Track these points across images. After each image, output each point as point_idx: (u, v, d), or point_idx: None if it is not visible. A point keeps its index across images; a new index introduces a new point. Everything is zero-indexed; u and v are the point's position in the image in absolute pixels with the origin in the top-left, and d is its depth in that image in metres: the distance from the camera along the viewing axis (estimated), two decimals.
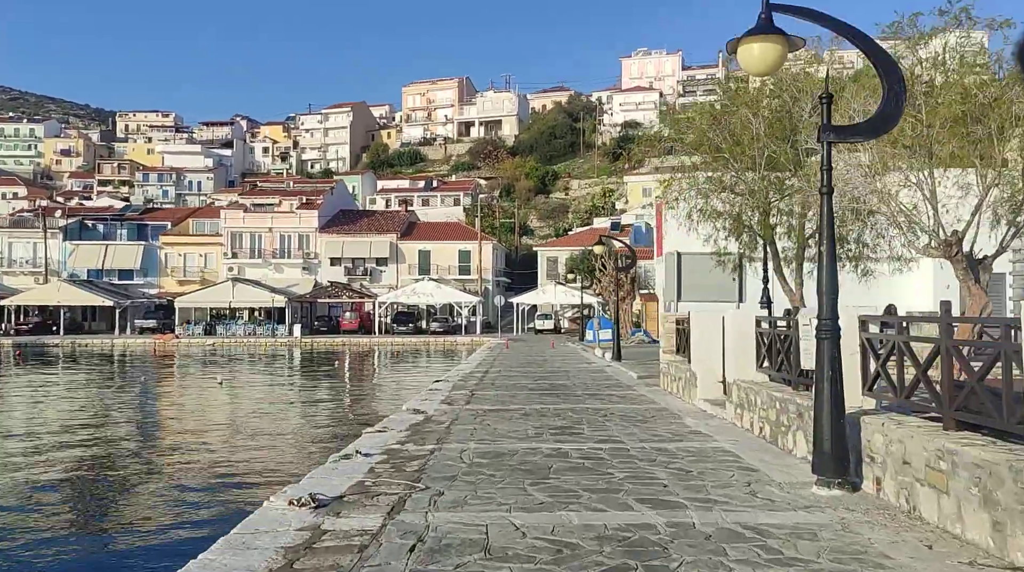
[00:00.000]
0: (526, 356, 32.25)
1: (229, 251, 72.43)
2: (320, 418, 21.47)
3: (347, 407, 23.79)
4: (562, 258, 72.79)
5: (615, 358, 26.75)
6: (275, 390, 28.78)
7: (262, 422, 20.41)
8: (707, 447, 9.58)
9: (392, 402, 22.74)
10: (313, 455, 15.07)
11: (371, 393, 27.51)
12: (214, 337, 61.59)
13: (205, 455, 16.53)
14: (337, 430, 19.28)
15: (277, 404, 24.56)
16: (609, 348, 32.26)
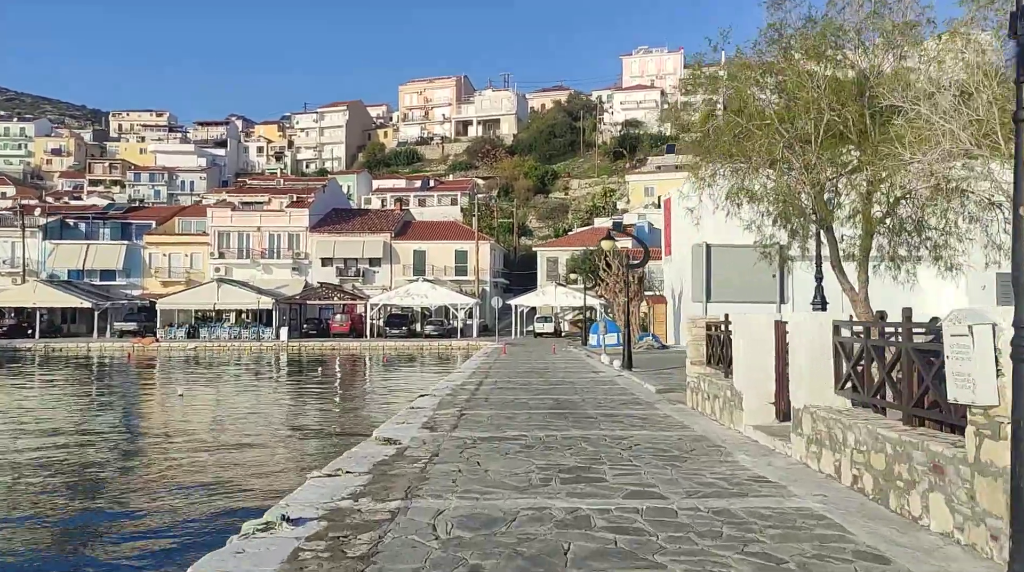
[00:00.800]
0: (526, 363, 29.41)
1: (216, 251, 69.56)
2: (279, 448, 18.52)
3: (314, 428, 20.92)
4: (562, 259, 69.98)
5: (625, 366, 23.89)
6: (242, 404, 25.87)
7: (209, 450, 17.48)
8: (787, 508, 6.71)
9: (370, 420, 19.89)
10: (256, 495, 12.17)
11: (349, 407, 24.56)
12: (197, 341, 58.68)
13: (112, 503, 12.41)
14: (296, 457, 16.41)
15: (239, 422, 21.69)
16: (617, 354, 29.43)
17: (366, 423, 19.11)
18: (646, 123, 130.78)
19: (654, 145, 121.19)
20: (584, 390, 17.87)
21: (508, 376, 22.62)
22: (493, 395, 16.83)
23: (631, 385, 19.19)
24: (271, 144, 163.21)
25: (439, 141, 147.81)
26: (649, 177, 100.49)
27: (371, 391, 28.56)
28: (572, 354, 36.35)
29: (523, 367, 26.86)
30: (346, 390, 28.99)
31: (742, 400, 10.88)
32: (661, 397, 16.10)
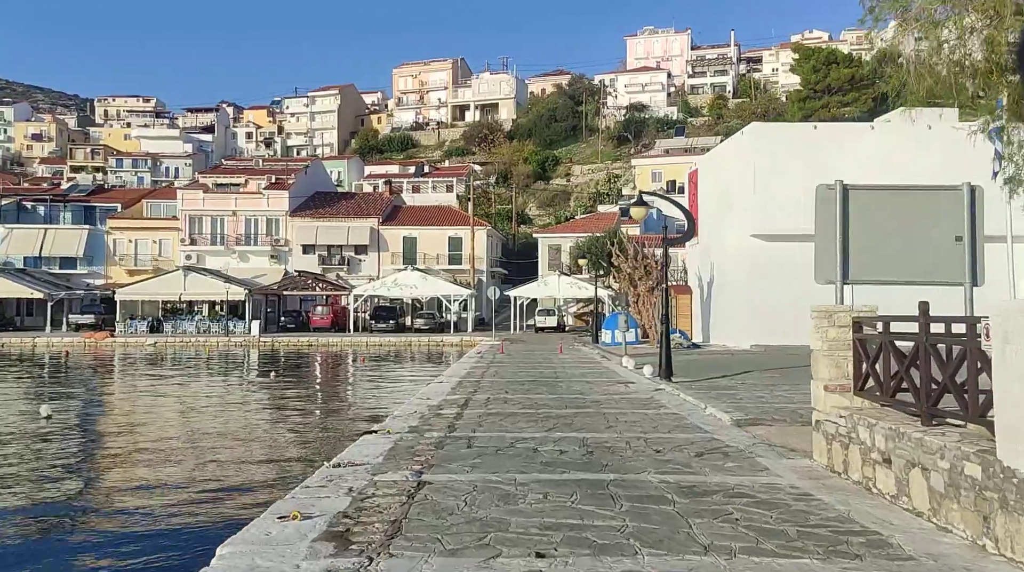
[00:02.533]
0: (528, 367, 23.42)
1: (187, 237, 63.50)
2: (139, 507, 12.66)
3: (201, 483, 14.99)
4: (566, 246, 63.94)
5: (662, 375, 17.89)
6: (120, 427, 19.86)
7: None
8: None
9: (303, 460, 13.94)
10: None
11: (286, 435, 18.35)
12: (159, 336, 52.67)
13: None
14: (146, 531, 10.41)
15: (112, 461, 15.75)
16: (642, 356, 23.57)
17: (265, 483, 13.13)
18: (652, 106, 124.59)
19: (661, 129, 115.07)
20: (621, 420, 11.85)
21: (506, 389, 16.61)
22: (482, 430, 10.82)
23: (686, 408, 13.17)
24: (260, 130, 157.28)
25: (435, 126, 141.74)
26: (657, 161, 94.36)
27: (317, 411, 22.13)
28: (583, 354, 30.35)
29: (525, 373, 20.87)
30: (286, 407, 22.88)
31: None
32: (751, 438, 10.09)
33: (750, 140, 28.26)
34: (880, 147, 27.07)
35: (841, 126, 32.60)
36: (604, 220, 66.65)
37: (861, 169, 26.52)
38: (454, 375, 20.37)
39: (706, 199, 33.71)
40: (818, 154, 27.59)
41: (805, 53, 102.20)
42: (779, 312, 27.41)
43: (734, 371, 19.96)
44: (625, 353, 25.51)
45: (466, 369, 22.49)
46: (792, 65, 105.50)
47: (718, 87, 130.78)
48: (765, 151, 27.65)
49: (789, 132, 28.90)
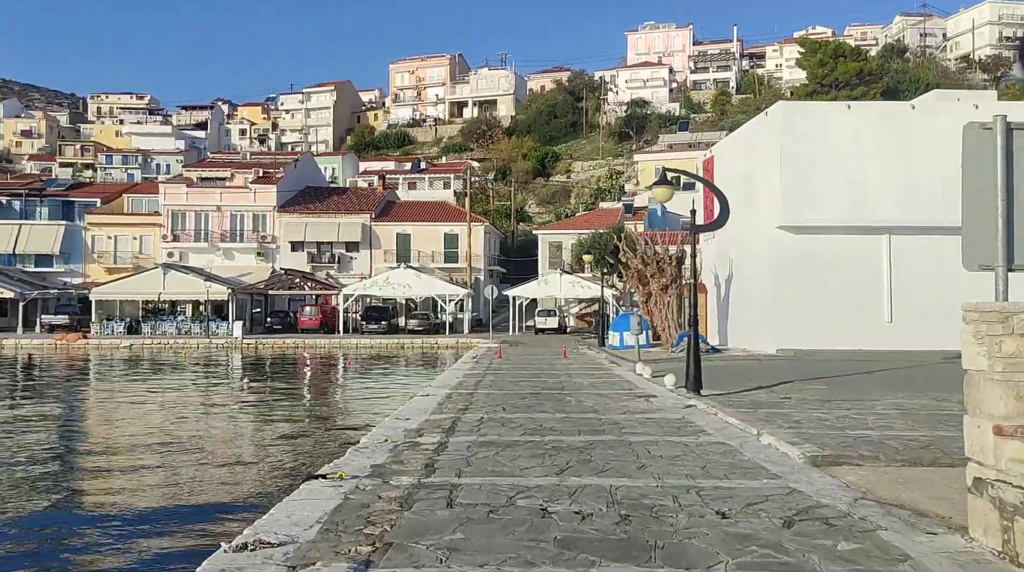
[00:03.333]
0: (529, 375, 20.54)
1: (169, 233, 60.58)
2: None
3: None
4: (567, 243, 61.05)
5: (689, 387, 15.01)
6: (58, 447, 17.02)
7: None
8: None
9: (235, 511, 11.04)
10: None
11: (226, 471, 15.28)
12: (137, 337, 49.76)
13: None
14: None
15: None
16: (659, 362, 20.80)
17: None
18: (653, 102, 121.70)
19: (663, 125, 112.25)
20: (655, 454, 8.95)
21: (503, 405, 13.72)
22: (470, 472, 7.94)
23: (733, 435, 10.27)
24: (254, 126, 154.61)
25: (432, 123, 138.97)
26: (660, 156, 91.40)
27: (279, 432, 18.93)
28: (590, 359, 27.46)
29: (526, 383, 17.98)
30: (244, 426, 19.95)
31: None
32: (846, 490, 7.20)
33: (776, 121, 25.41)
34: (923, 128, 24.22)
35: (878, 105, 29.85)
36: (607, 216, 63.84)
37: (903, 152, 23.70)
38: (444, 385, 17.49)
39: (723, 189, 30.79)
40: (853, 136, 24.76)
41: (812, 46, 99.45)
42: (809, 313, 24.60)
43: (770, 381, 17.10)
44: (639, 359, 22.61)
45: (458, 377, 19.61)
46: (798, 59, 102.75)
47: (721, 83, 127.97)
48: (793, 133, 24.81)
49: (820, 112, 26.08)
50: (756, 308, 26.40)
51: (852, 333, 24.77)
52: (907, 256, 24.85)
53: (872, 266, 25.13)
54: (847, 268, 25.03)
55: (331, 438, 15.88)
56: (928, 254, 24.34)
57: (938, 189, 23.65)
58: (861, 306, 25.01)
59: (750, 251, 27.05)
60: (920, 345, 24.23)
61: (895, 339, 24.68)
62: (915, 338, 24.45)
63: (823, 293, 24.94)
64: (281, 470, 13.31)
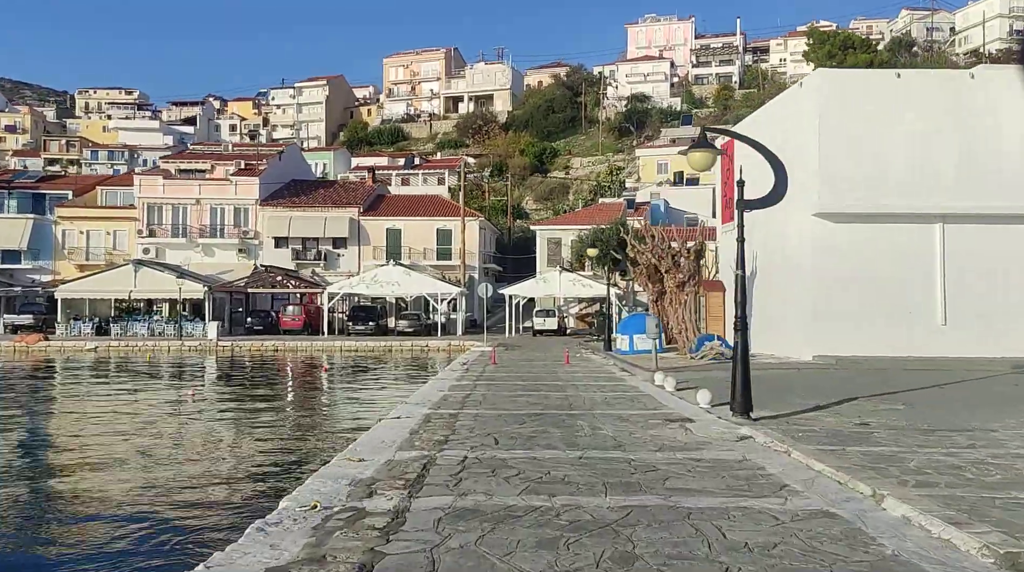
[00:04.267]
0: (529, 388, 17.16)
1: (144, 228, 57.07)
2: None
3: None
4: (567, 239, 57.68)
5: (736, 408, 11.66)
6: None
7: None
8: None
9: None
10: None
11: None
12: (105, 338, 46.29)
13: None
14: None
15: None
16: (682, 373, 17.53)
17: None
18: (654, 97, 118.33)
19: (664, 120, 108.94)
20: (736, 546, 5.58)
21: (496, 435, 10.33)
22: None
23: (832, 494, 6.90)
24: (244, 122, 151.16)
25: (427, 118, 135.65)
26: (662, 151, 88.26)
27: (201, 469, 15.39)
28: (597, 366, 24.08)
29: (525, 399, 14.59)
30: (156, 457, 16.41)
31: None
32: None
33: (814, 93, 22.04)
34: (984, 101, 20.88)
35: (933, 74, 26.57)
36: (608, 211, 60.52)
37: (961, 129, 20.39)
38: (423, 402, 14.11)
39: (747, 175, 27.45)
40: (904, 110, 21.42)
41: (820, 37, 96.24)
42: (851, 315, 21.27)
43: (827, 398, 13.79)
44: (656, 367, 19.25)
45: (443, 390, 16.24)
46: (806, 51, 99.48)
47: (723, 77, 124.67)
48: (835, 106, 21.47)
49: (866, 81, 22.72)
50: (788, 309, 23.05)
51: (900, 337, 21.47)
52: (963, 248, 21.53)
53: (923, 260, 21.81)
54: (894, 262, 21.72)
55: (255, 492, 12.21)
56: (988, 246, 21.04)
57: (1001, 171, 20.35)
58: (910, 306, 21.68)
59: (781, 243, 23.70)
60: (978, 351, 20.96)
61: (949, 344, 21.39)
62: (972, 343, 21.18)
63: (867, 291, 21.62)
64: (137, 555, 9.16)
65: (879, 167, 21.52)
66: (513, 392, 15.93)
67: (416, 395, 15.38)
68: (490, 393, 15.62)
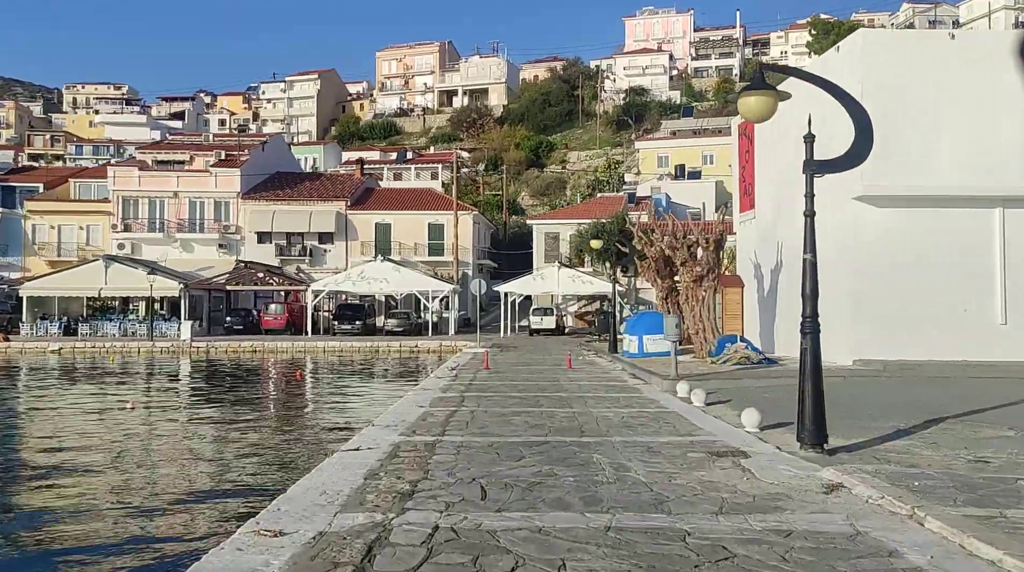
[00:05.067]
0: (528, 401, 14.24)
1: (119, 222, 54.05)
2: None
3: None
4: (565, 234, 54.80)
5: (806, 438, 8.72)
6: None
7: None
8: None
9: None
10: None
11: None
12: (72, 339, 43.28)
13: None
14: None
15: None
16: (706, 382, 14.74)
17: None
18: (653, 90, 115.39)
19: (664, 113, 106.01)
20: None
21: (484, 481, 7.43)
22: None
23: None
24: (234, 116, 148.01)
25: (420, 112, 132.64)
26: (663, 144, 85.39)
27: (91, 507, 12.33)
28: (604, 371, 21.16)
29: (522, 420, 11.65)
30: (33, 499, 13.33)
31: None
32: None
33: (855, 58, 19.07)
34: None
35: (992, 35, 23.69)
36: (608, 205, 57.63)
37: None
38: (395, 423, 11.20)
39: (769, 154, 24.60)
40: (961, 75, 18.54)
41: (824, 27, 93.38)
42: (900, 313, 18.41)
43: (910, 419, 10.91)
44: (675, 373, 16.35)
45: (423, 405, 13.34)
46: (809, 41, 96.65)
47: (724, 70, 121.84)
48: (877, 73, 18.55)
49: (915, 45, 19.83)
50: (824, 307, 20.10)
51: (953, 339, 18.59)
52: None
53: (980, 250, 18.95)
54: (947, 253, 18.85)
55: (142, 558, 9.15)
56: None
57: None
58: (965, 303, 18.82)
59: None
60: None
61: (1011, 347, 18.54)
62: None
63: (915, 287, 18.77)
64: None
65: (930, 143, 18.64)
66: (508, 407, 13.03)
67: (388, 413, 12.44)
68: (480, 410, 12.70)
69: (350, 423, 16.81)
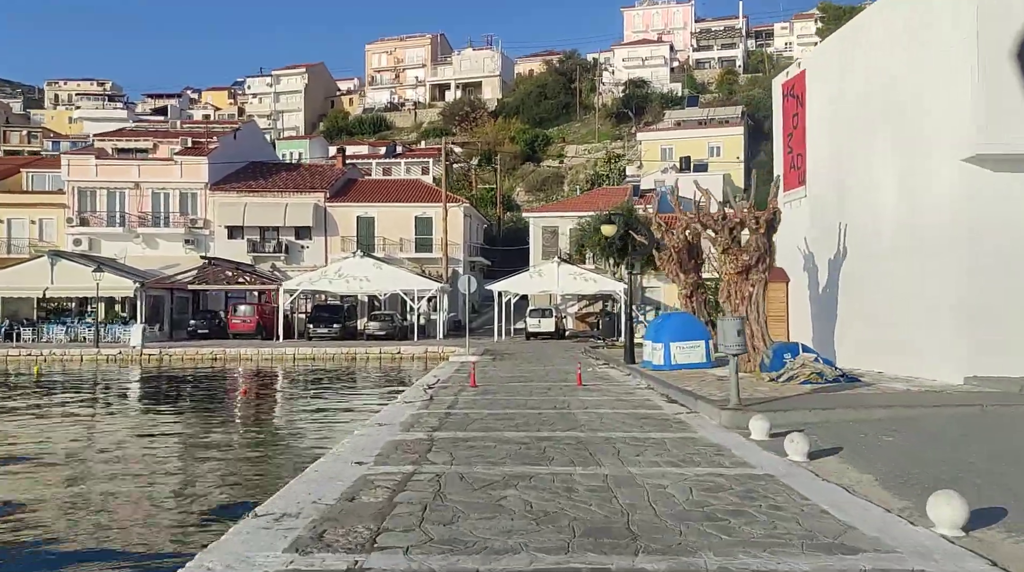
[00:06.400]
0: (529, 452, 9.39)
1: (75, 216, 49.10)
2: None
3: None
4: (564, 228, 50.02)
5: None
6: None
7: None
8: None
9: None
10: None
11: None
12: (10, 346, 38.37)
13: None
14: None
15: None
16: (773, 411, 9.86)
17: None
18: (653, 82, 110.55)
19: (665, 106, 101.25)
20: None
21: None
22: None
23: None
24: (219, 111, 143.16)
25: (411, 107, 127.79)
26: (666, 135, 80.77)
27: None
28: (625, 390, 16.25)
29: (520, 499, 6.83)
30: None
31: None
32: None
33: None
34: None
35: None
36: (611, 196, 52.94)
37: None
38: (297, 511, 6.40)
39: (826, 115, 19.82)
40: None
41: (835, 13, 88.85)
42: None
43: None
44: (737, 400, 11.48)
45: (366, 461, 8.53)
46: (819, 28, 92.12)
47: (726, 61, 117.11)
48: (999, 2, 13.80)
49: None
50: (917, 305, 15.39)
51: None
52: None
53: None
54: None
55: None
56: None
57: None
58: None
59: (904, 207, 16.02)
60: None
61: None
62: None
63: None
64: None
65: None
66: (497, 466, 8.21)
67: (297, 487, 7.50)
68: (452, 473, 7.87)
69: (256, 491, 11.71)
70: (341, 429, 15.22)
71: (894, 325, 16.10)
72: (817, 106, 19.98)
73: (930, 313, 14.84)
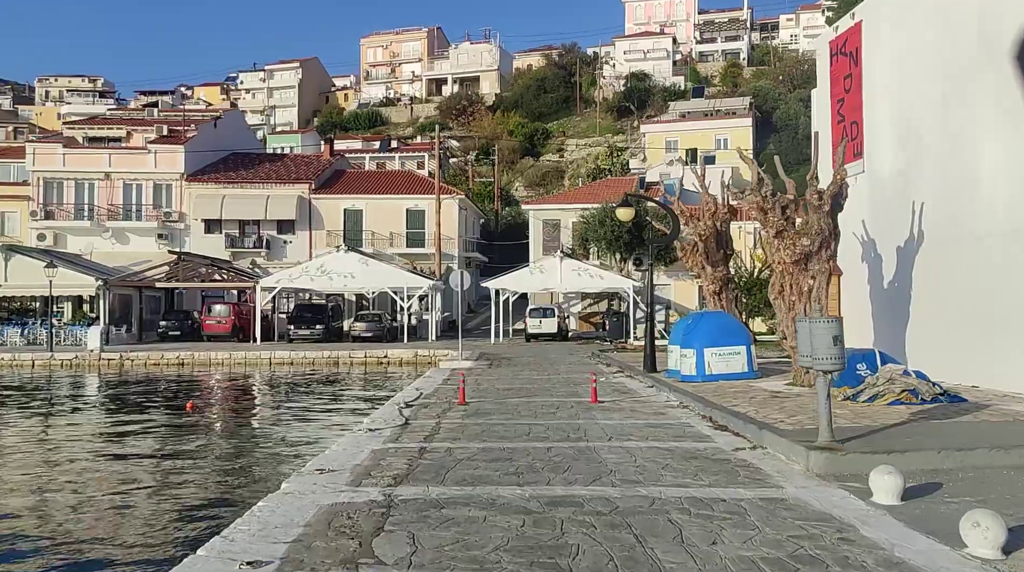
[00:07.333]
0: (535, 524, 5.93)
1: (40, 208, 45.62)
2: None
3: None
4: (566, 221, 46.58)
5: None
6: None
7: None
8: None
9: None
10: None
11: None
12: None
13: None
14: None
15: None
16: (909, 468, 6.02)
17: None
18: (655, 75, 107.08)
19: (668, 99, 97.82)
20: None
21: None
22: None
23: None
24: (211, 107, 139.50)
25: (407, 102, 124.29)
26: (671, 127, 77.35)
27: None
28: (653, 411, 12.75)
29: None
30: None
31: None
32: None
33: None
34: None
35: None
36: (616, 187, 49.47)
37: None
38: None
39: (893, 72, 16.39)
40: None
41: (845, 1, 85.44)
42: None
43: None
44: (830, 434, 8.03)
45: (285, 541, 5.07)
46: (829, 18, 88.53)
47: (730, 54, 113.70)
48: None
49: None
50: (1008, 304, 12.00)
51: None
52: None
53: None
54: None
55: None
56: None
57: None
58: None
59: (1012, 179, 12.62)
60: None
61: None
62: None
63: None
64: None
65: None
66: (486, 562, 4.79)
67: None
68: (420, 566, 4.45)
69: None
70: (272, 476, 11.79)
71: (996, 329, 12.67)
72: (879, 62, 16.54)
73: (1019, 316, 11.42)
